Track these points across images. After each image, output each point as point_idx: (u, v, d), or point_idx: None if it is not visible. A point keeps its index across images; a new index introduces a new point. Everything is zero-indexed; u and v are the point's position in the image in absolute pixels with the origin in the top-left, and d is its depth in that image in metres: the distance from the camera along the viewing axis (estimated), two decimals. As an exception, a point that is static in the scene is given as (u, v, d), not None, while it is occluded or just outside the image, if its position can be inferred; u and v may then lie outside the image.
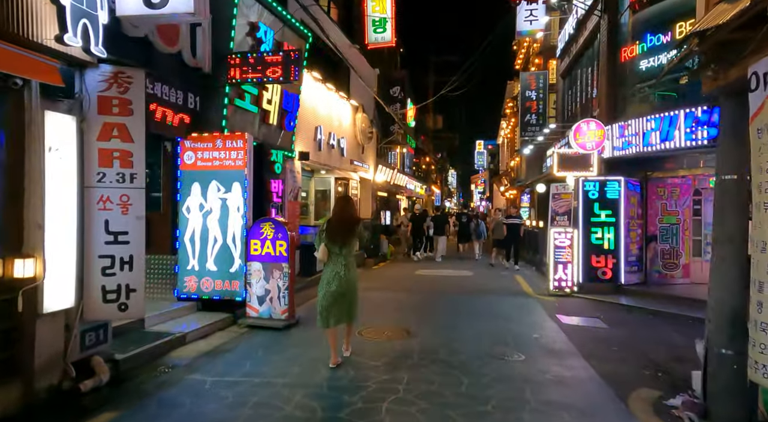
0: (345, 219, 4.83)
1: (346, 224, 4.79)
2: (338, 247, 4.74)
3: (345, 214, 4.88)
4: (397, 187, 23.93)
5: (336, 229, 4.75)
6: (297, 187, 10.37)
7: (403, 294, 9.19)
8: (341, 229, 4.75)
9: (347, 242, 4.76)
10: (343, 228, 4.76)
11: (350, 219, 4.86)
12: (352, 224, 4.82)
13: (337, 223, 4.79)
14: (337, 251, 4.76)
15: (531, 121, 15.49)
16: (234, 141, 6.57)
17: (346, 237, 4.75)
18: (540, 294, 9.36)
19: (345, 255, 4.78)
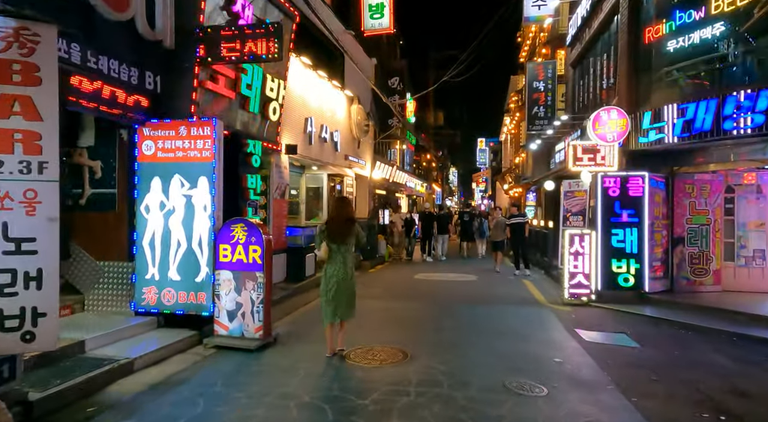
0: (343, 219, 5.04)
1: (343, 223, 5.02)
2: (337, 246, 5.00)
3: (343, 214, 5.09)
4: (396, 185, 22.94)
5: (335, 229, 5.00)
6: (284, 184, 9.40)
7: (400, 303, 8.20)
8: (339, 229, 5.00)
9: (346, 241, 5.01)
10: (341, 228, 5.00)
11: (348, 219, 5.07)
12: (349, 224, 5.03)
13: (335, 223, 5.03)
14: (336, 249, 5.01)
15: (538, 114, 14.49)
16: (200, 128, 5.58)
17: (345, 236, 4.99)
18: (553, 303, 8.38)
19: (344, 254, 5.03)
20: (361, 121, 13.46)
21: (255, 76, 7.58)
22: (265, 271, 5.42)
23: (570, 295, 8.27)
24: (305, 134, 10.40)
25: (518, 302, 8.51)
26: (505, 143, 34.05)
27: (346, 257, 5.05)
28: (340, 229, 5.00)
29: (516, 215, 11.92)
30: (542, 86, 14.44)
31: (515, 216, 11.86)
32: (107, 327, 5.18)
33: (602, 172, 8.24)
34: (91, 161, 5.83)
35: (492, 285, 10.35)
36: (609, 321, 7.13)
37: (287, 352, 5.30)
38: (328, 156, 11.84)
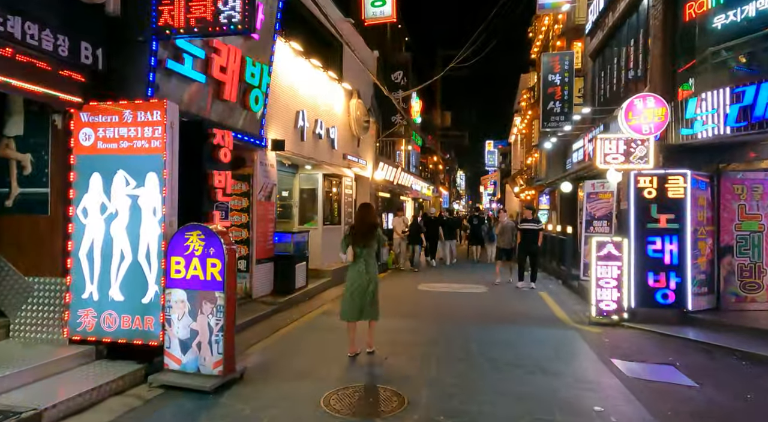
0: (367, 225, 5.37)
1: (367, 228, 5.33)
2: (360, 249, 5.30)
3: (367, 220, 5.41)
4: (401, 187, 21.83)
5: (358, 233, 5.31)
6: (270, 184, 8.33)
7: (398, 322, 7.07)
8: (363, 233, 5.30)
9: (369, 245, 5.31)
10: (364, 232, 5.30)
11: (371, 224, 5.38)
12: (372, 229, 5.34)
13: (359, 228, 5.35)
14: (359, 253, 5.31)
15: (554, 109, 13.33)
16: (149, 113, 4.51)
17: (368, 240, 5.30)
18: (579, 323, 7.21)
19: (366, 256, 5.33)
20: (361, 117, 12.37)
21: (230, 57, 6.51)
22: (226, 290, 4.32)
23: (598, 313, 7.10)
24: (296, 129, 9.33)
25: (537, 320, 7.34)
26: (515, 144, 32.85)
27: (368, 260, 5.35)
28: (363, 234, 5.31)
29: (529, 219, 10.27)
30: (558, 80, 13.29)
31: (528, 221, 10.24)
32: (28, 360, 4.11)
33: (635, 170, 7.07)
34: (20, 153, 4.78)
35: (505, 299, 9.18)
36: (649, 348, 5.95)
37: (254, 394, 4.19)
38: (323, 154, 10.76)
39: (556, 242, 12.63)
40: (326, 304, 8.53)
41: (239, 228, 7.85)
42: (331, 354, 5.44)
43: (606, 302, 7.06)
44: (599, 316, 7.08)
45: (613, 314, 7.04)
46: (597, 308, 7.10)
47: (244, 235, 7.84)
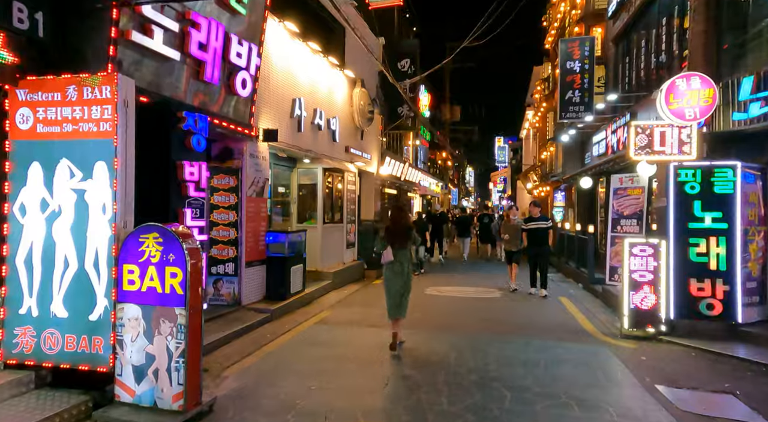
0: (402, 227, 5.61)
1: (402, 230, 5.59)
2: (395, 250, 5.51)
3: (402, 222, 5.66)
4: (408, 183, 20.98)
5: (393, 234, 5.56)
6: (261, 178, 7.52)
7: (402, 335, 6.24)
8: (397, 233, 5.55)
9: (404, 245, 5.58)
10: (399, 233, 5.56)
11: (405, 225, 5.66)
12: (407, 230, 5.61)
13: (394, 229, 5.60)
14: (394, 253, 5.50)
15: (573, 99, 12.38)
16: (96, 89, 3.70)
17: (403, 240, 5.56)
18: (609, 335, 6.34)
19: (400, 256, 5.55)
20: (365, 107, 11.52)
21: (212, 33, 5.70)
22: (189, 306, 3.51)
23: (631, 325, 6.21)
24: (292, 119, 8.50)
25: (561, 333, 6.46)
26: (527, 139, 31.82)
27: (402, 260, 5.59)
28: (397, 234, 5.56)
29: (536, 218, 8.99)
30: (578, 67, 12.34)
31: (534, 220, 9.00)
32: (-55, 391, 3.34)
33: (675, 161, 6.16)
34: (-52, 139, 4.00)
35: (522, 306, 8.31)
36: (698, 370, 5.06)
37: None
38: (323, 147, 9.94)
39: (575, 241, 11.71)
40: (324, 311, 7.72)
41: (227, 227, 7.06)
42: (323, 377, 4.62)
43: (639, 312, 6.17)
44: (632, 328, 6.20)
45: (649, 326, 6.16)
46: (629, 320, 6.22)
47: (232, 235, 7.05)
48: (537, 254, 9.06)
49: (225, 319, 6.50)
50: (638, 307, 6.13)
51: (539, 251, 9.01)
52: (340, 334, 6.25)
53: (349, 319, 7.14)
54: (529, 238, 9.01)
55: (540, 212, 9.30)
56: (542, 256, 9.05)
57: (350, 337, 6.14)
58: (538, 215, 9.15)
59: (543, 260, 9.08)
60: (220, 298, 7.06)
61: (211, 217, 7.08)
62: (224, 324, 6.24)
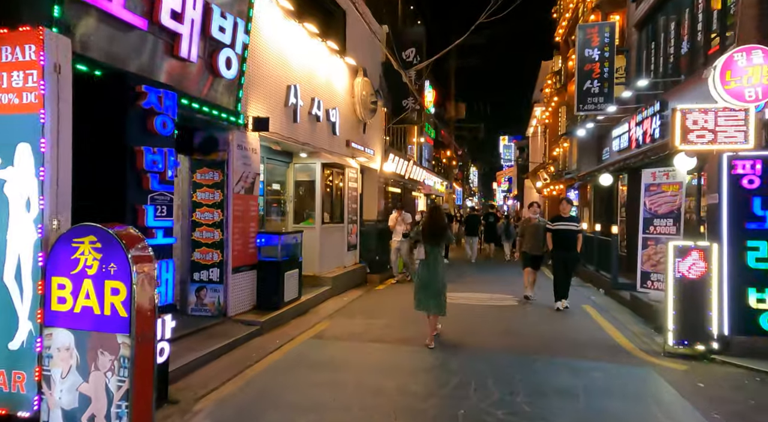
0: (438, 226, 5.81)
1: (438, 229, 5.79)
2: (430, 247, 5.75)
3: (438, 222, 5.86)
4: (413, 182, 20.12)
5: (428, 233, 5.78)
6: (251, 173, 6.68)
7: (406, 355, 5.36)
8: (433, 233, 5.77)
9: (438, 244, 5.80)
10: (434, 233, 5.77)
11: (442, 226, 5.86)
12: (441, 230, 5.81)
13: (430, 228, 5.81)
14: (429, 251, 5.75)
15: (592, 89, 11.49)
16: (17, 48, 2.86)
17: (438, 240, 5.78)
18: (650, 353, 5.47)
19: (435, 254, 5.78)
20: (367, 98, 10.67)
21: (189, 1, 4.86)
22: (136, 332, 2.66)
23: (676, 341, 5.34)
24: (287, 108, 7.65)
25: (594, 350, 5.58)
26: (534, 137, 30.90)
27: (437, 258, 5.77)
28: (433, 234, 5.74)
29: (565, 218, 7.79)
30: (597, 55, 11.45)
31: (562, 220, 7.76)
32: None
33: (729, 152, 5.27)
34: None
35: (543, 315, 7.43)
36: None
37: None
38: (321, 140, 9.09)
39: (594, 243, 10.82)
40: (322, 322, 6.87)
41: (211, 228, 6.21)
42: (318, 413, 3.76)
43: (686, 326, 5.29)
44: (678, 346, 5.33)
45: (698, 344, 5.28)
46: (674, 336, 5.34)
47: (216, 237, 6.20)
48: (565, 261, 7.76)
49: (207, 333, 5.66)
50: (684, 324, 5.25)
51: (567, 257, 7.73)
52: (338, 352, 5.39)
53: (349, 332, 6.28)
54: (556, 241, 7.69)
55: (567, 210, 7.89)
56: (571, 262, 7.88)
57: (351, 356, 5.28)
58: (568, 214, 7.84)
59: (571, 267, 7.95)
60: (204, 308, 6.22)
61: (193, 216, 6.25)
62: (205, 340, 5.39)
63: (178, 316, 6.00)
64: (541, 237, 8.05)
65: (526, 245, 8.40)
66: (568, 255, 7.74)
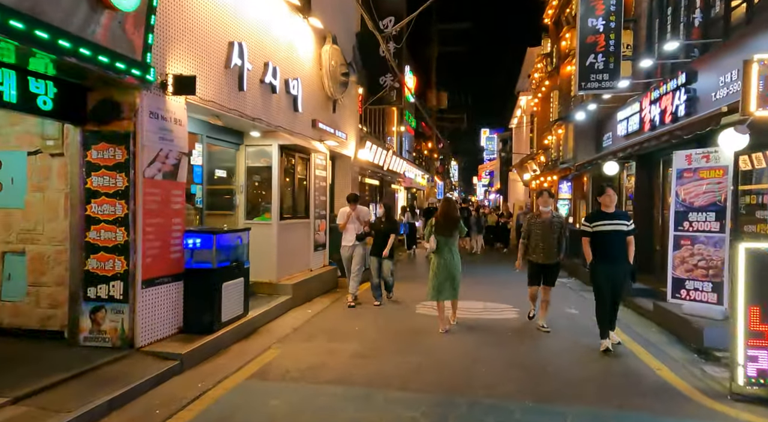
0: (451, 218, 6.00)
1: (452, 221, 5.99)
2: (444, 238, 5.94)
3: (451, 214, 6.03)
4: (392, 174, 18.56)
5: (443, 225, 5.95)
6: (175, 152, 4.98)
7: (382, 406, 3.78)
8: (447, 225, 5.96)
9: (452, 234, 5.99)
10: (448, 224, 5.96)
11: (455, 218, 6.05)
12: (454, 222, 6.01)
13: (443, 220, 5.97)
14: (443, 241, 5.94)
15: (596, 65, 10.03)
16: None
17: (451, 231, 5.97)
18: (711, 394, 4.01)
19: (450, 245, 5.97)
20: (337, 69, 9.00)
21: None
22: None
23: (752, 377, 3.89)
24: (229, 71, 5.95)
25: (638, 394, 4.08)
26: (519, 128, 29.66)
27: (452, 248, 5.98)
28: (447, 225, 5.95)
29: (609, 215, 5.25)
30: (601, 25, 10.01)
31: (606, 217, 5.24)
32: None
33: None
34: None
35: (553, 334, 5.93)
36: None
37: None
38: (279, 116, 7.42)
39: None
40: (273, 348, 5.24)
41: (111, 226, 4.52)
42: None
43: (763, 359, 3.85)
44: (754, 385, 3.88)
45: (780, 382, 3.83)
46: (748, 370, 3.89)
47: (120, 238, 4.50)
48: (612, 278, 5.15)
49: (97, 376, 3.99)
50: None
51: (615, 273, 5.14)
52: (283, 407, 3.76)
53: (305, 365, 4.67)
54: (599, 249, 5.18)
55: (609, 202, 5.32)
56: (620, 281, 5.24)
57: (300, 417, 3.65)
58: (613, 208, 5.29)
59: (621, 287, 5.29)
60: (102, 336, 4.53)
61: (88, 210, 4.53)
62: (90, 388, 3.73)
63: (62, 348, 4.38)
64: (555, 240, 5.96)
65: (532, 250, 6.06)
66: (616, 270, 5.17)
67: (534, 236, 6.10)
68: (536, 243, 6.05)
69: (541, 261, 6.06)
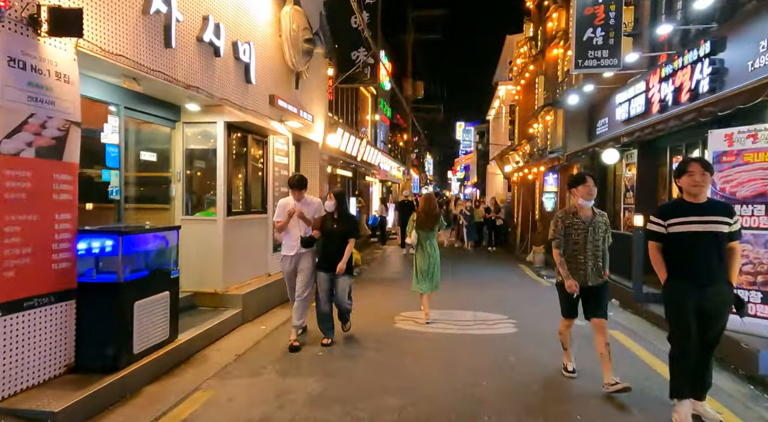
0: (432, 214, 6.07)
1: (433, 217, 6.06)
2: (426, 233, 6.05)
3: (432, 210, 6.08)
4: (367, 166, 17.24)
5: (424, 221, 6.04)
6: (58, 120, 3.47)
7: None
8: (428, 220, 6.04)
9: (432, 229, 6.08)
10: (429, 220, 6.04)
11: (436, 214, 6.11)
12: (437, 218, 6.10)
13: (425, 216, 6.05)
14: (424, 236, 6.05)
15: (595, 40, 8.92)
16: None
17: (432, 226, 6.06)
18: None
19: (431, 239, 6.10)
20: (299, 34, 7.59)
21: None
22: None
23: None
24: (146, 18, 4.50)
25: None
26: (497, 119, 28.70)
27: (432, 242, 6.11)
28: (428, 221, 6.03)
29: (695, 207, 3.27)
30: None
31: (690, 212, 3.27)
32: None
33: None
34: None
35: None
36: None
37: None
38: (226, 87, 6.00)
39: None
40: (205, 386, 3.87)
41: (-51, 226, 3.05)
42: None
43: None
44: None
45: None
46: None
47: (-37, 243, 3.04)
48: (706, 307, 3.21)
49: None
50: None
51: (708, 302, 3.21)
52: None
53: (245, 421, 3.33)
54: (677, 260, 3.33)
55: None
56: (717, 317, 3.27)
57: None
58: (703, 195, 3.30)
59: (717, 327, 3.29)
60: (-63, 388, 3.06)
61: None
62: None
63: None
64: (602, 250, 4.00)
65: (569, 261, 3.99)
66: (709, 295, 3.21)
67: (572, 244, 3.95)
68: (577, 255, 3.93)
69: (588, 283, 3.92)
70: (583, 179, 4.02)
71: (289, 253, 5.15)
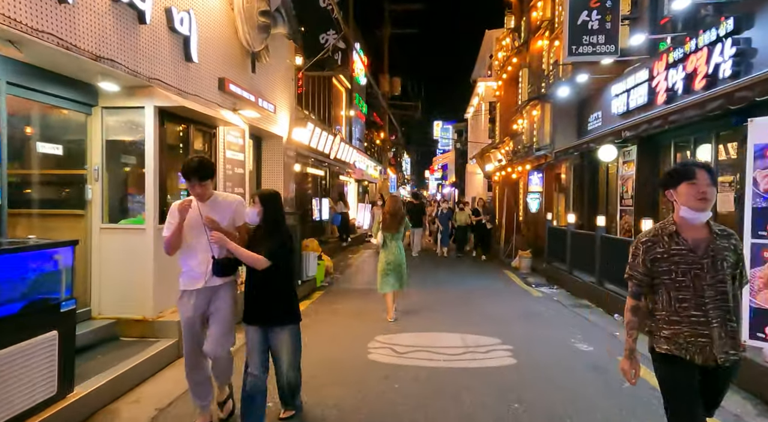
0: (397, 216, 6.23)
1: (399, 219, 6.24)
2: (391, 235, 6.20)
3: (398, 212, 6.26)
4: (341, 164, 16.12)
5: (389, 222, 6.23)
6: None
7: None
8: (393, 222, 6.22)
9: (398, 230, 6.24)
10: (394, 221, 6.22)
11: (402, 215, 6.29)
12: (402, 219, 6.27)
13: (390, 218, 6.22)
14: (390, 237, 6.20)
15: (590, 25, 8.07)
16: None
17: (397, 227, 6.24)
18: None
19: (396, 240, 6.24)
20: (254, 6, 6.43)
21: None
22: None
23: None
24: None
25: None
26: (476, 117, 27.93)
27: (398, 243, 6.24)
28: (393, 222, 6.20)
29: None
30: (597, -26, 8.09)
31: None
32: None
33: None
34: None
35: (579, 394, 3.78)
36: None
37: None
38: (155, 64, 4.82)
39: (597, 244, 7.46)
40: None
41: None
42: None
43: None
44: None
45: None
46: None
47: None
48: None
49: None
50: None
51: None
52: None
53: None
54: None
55: None
56: None
57: None
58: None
59: None
60: None
61: None
62: None
63: None
64: (729, 292, 2.14)
65: (669, 320, 2.17)
66: None
67: (674, 289, 2.18)
68: (687, 309, 2.15)
69: (717, 359, 2.11)
70: (691, 172, 2.17)
71: (191, 287, 3.20)
